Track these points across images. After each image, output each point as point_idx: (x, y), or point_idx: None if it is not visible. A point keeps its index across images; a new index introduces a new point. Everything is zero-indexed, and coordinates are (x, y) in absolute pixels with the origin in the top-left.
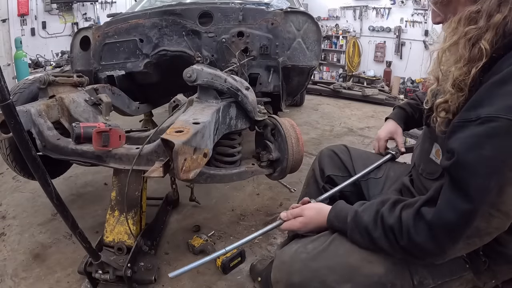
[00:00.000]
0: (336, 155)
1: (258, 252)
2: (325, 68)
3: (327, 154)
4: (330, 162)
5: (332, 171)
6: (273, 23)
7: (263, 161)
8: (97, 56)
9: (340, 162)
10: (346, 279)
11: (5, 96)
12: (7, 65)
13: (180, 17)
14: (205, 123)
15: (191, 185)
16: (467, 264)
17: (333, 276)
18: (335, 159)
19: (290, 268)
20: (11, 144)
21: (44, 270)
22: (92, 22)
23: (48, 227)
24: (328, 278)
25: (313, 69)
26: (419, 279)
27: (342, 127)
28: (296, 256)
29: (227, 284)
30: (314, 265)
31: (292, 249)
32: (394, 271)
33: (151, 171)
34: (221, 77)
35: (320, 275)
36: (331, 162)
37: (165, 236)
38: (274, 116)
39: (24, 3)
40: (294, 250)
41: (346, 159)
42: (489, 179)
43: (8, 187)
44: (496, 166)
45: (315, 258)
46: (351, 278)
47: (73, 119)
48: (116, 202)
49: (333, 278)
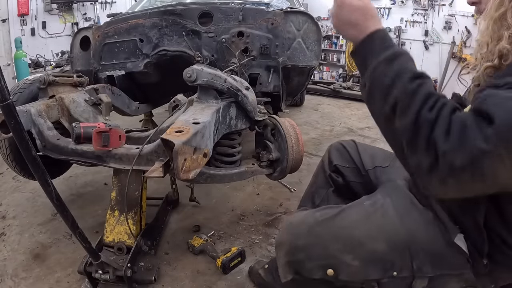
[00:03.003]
0: (345, 148)
1: (258, 252)
2: (325, 68)
3: (336, 147)
4: (338, 154)
5: (339, 162)
6: (273, 23)
7: (263, 161)
8: (97, 56)
9: (348, 155)
10: (348, 250)
11: (5, 96)
12: (7, 65)
13: (180, 17)
14: (205, 123)
15: (191, 185)
16: (469, 263)
17: (336, 245)
18: (343, 152)
19: (296, 231)
20: (11, 144)
21: (44, 270)
22: (92, 22)
23: (48, 227)
24: (331, 246)
25: (313, 69)
26: (419, 264)
27: (342, 127)
28: (303, 220)
29: (227, 284)
30: (319, 231)
31: (300, 214)
32: (395, 251)
33: (151, 171)
34: (221, 77)
35: (323, 242)
36: (339, 154)
37: (165, 236)
38: (274, 116)
39: (24, 3)
40: (302, 215)
41: (353, 152)
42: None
43: (8, 187)
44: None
45: (321, 224)
46: (353, 250)
47: (73, 119)
48: (116, 202)
49: (336, 247)
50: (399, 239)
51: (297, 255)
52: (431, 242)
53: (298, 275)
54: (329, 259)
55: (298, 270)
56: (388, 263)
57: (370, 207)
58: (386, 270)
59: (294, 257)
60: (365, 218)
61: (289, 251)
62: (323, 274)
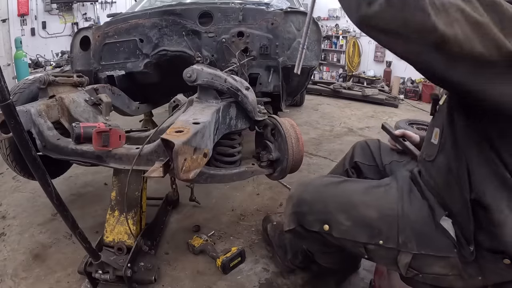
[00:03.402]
0: (368, 147)
1: (258, 252)
2: (325, 68)
3: (361, 145)
4: (361, 151)
5: (360, 159)
6: (273, 23)
7: (263, 161)
8: (97, 56)
9: (370, 153)
10: (343, 210)
11: (5, 96)
12: (7, 65)
13: (180, 17)
14: (205, 123)
15: (191, 185)
16: (455, 248)
17: (334, 204)
18: (366, 150)
19: (305, 188)
20: (11, 144)
21: (44, 270)
22: (92, 22)
23: (48, 227)
24: (330, 204)
25: (313, 69)
26: (404, 239)
27: (342, 127)
28: (313, 181)
29: (227, 284)
30: (323, 191)
31: (312, 177)
32: (384, 221)
33: (151, 171)
34: (221, 77)
35: (324, 199)
36: (362, 152)
37: (165, 236)
38: (274, 116)
39: (24, 3)
40: (313, 178)
41: (375, 150)
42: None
43: (8, 187)
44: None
45: (326, 186)
46: (347, 211)
47: (73, 119)
48: (116, 202)
49: (334, 205)
50: (391, 213)
51: (301, 207)
52: (419, 222)
53: (300, 227)
54: (327, 214)
55: (300, 220)
56: (375, 229)
57: (375, 183)
58: (372, 237)
59: (299, 209)
60: (366, 190)
61: (296, 203)
62: (320, 228)
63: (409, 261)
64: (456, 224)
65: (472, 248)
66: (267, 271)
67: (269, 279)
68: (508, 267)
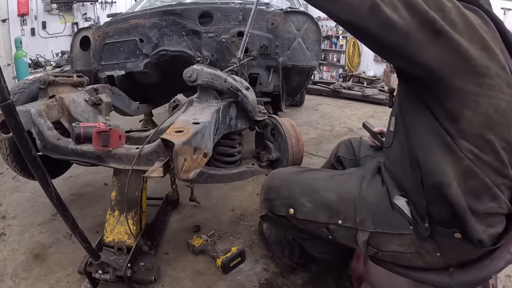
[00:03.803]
0: (351, 144)
1: (258, 252)
2: (325, 68)
3: (344, 142)
4: (344, 148)
5: (342, 154)
6: (273, 23)
7: (263, 161)
8: (97, 56)
9: (352, 149)
10: (305, 194)
11: (5, 96)
12: (7, 65)
13: (180, 17)
14: (205, 123)
15: (191, 185)
16: (411, 225)
17: (298, 189)
18: (349, 146)
19: (274, 176)
20: (11, 144)
21: (44, 270)
22: (92, 22)
23: (48, 227)
24: (294, 190)
25: (313, 69)
26: (361, 218)
27: (342, 127)
28: (283, 170)
29: (227, 284)
30: (290, 178)
31: (281, 167)
32: (342, 202)
33: (151, 171)
34: (221, 77)
35: (290, 185)
36: (345, 148)
37: (165, 236)
38: (274, 116)
39: (24, 3)
40: (283, 168)
41: (356, 146)
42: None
43: (8, 187)
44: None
45: (293, 174)
46: (310, 195)
47: (73, 119)
48: (116, 202)
49: (298, 191)
50: (348, 195)
51: (270, 194)
52: (375, 203)
53: (271, 212)
54: (291, 199)
55: (271, 206)
56: (334, 210)
57: (340, 172)
58: (332, 217)
59: (268, 195)
60: (329, 177)
61: (266, 191)
62: (286, 212)
63: (367, 238)
64: (410, 202)
65: (426, 224)
66: (267, 271)
67: (269, 279)
68: (460, 241)
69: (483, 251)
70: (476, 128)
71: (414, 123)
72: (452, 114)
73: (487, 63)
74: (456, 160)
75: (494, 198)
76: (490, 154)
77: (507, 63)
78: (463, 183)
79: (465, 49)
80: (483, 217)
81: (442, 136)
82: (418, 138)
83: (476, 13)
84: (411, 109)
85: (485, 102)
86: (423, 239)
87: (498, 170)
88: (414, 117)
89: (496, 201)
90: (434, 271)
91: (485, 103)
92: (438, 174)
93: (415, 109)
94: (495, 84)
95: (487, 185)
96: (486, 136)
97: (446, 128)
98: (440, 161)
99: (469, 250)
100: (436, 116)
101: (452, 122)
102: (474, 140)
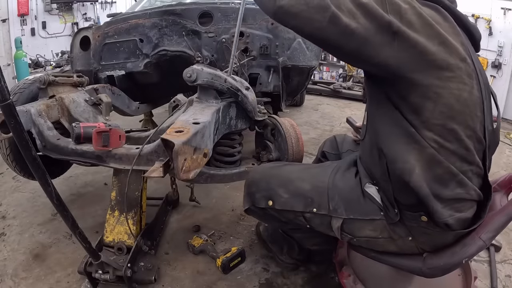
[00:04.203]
0: (335, 140)
1: (258, 252)
2: (325, 68)
3: (329, 139)
4: (329, 144)
5: (327, 149)
6: (273, 23)
7: (263, 161)
8: (97, 56)
9: (336, 144)
10: (282, 185)
11: (5, 96)
12: (7, 65)
13: (180, 17)
14: (205, 123)
15: (191, 185)
16: (381, 211)
17: (275, 181)
18: (333, 142)
19: (256, 169)
20: (11, 144)
21: (44, 270)
22: (92, 22)
23: (48, 227)
24: (272, 182)
25: (313, 69)
26: (334, 205)
27: (342, 127)
28: (262, 166)
29: (227, 284)
30: (268, 172)
31: (263, 164)
32: (316, 191)
33: (151, 171)
34: (221, 77)
35: (268, 178)
36: (330, 144)
37: (165, 236)
38: (274, 116)
39: (24, 3)
40: (264, 164)
41: (340, 142)
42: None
43: (8, 187)
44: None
45: (271, 168)
46: (286, 185)
47: (73, 119)
48: (116, 202)
49: (275, 182)
50: (322, 184)
51: (251, 187)
52: (347, 191)
53: (253, 206)
54: (269, 191)
55: (252, 200)
56: (308, 199)
57: (317, 165)
58: (307, 205)
59: (249, 189)
60: (305, 168)
61: (247, 185)
62: (266, 204)
63: (340, 225)
64: (380, 190)
65: (396, 210)
66: (267, 271)
67: (269, 279)
68: (427, 224)
69: (454, 236)
70: (439, 118)
71: (379, 117)
72: (415, 107)
73: (446, 57)
74: (420, 149)
75: (461, 185)
76: (454, 142)
77: (468, 55)
78: (429, 171)
79: (423, 45)
80: (449, 202)
81: (405, 127)
82: (383, 130)
83: (435, 10)
84: (377, 105)
85: (446, 93)
86: (394, 224)
87: (463, 157)
88: (378, 112)
89: (463, 187)
90: (408, 256)
91: (446, 94)
92: (400, 162)
93: (380, 104)
94: (455, 76)
95: (452, 172)
96: (448, 125)
97: (409, 120)
98: (402, 150)
99: (440, 235)
100: (400, 109)
101: (415, 114)
102: (437, 130)
